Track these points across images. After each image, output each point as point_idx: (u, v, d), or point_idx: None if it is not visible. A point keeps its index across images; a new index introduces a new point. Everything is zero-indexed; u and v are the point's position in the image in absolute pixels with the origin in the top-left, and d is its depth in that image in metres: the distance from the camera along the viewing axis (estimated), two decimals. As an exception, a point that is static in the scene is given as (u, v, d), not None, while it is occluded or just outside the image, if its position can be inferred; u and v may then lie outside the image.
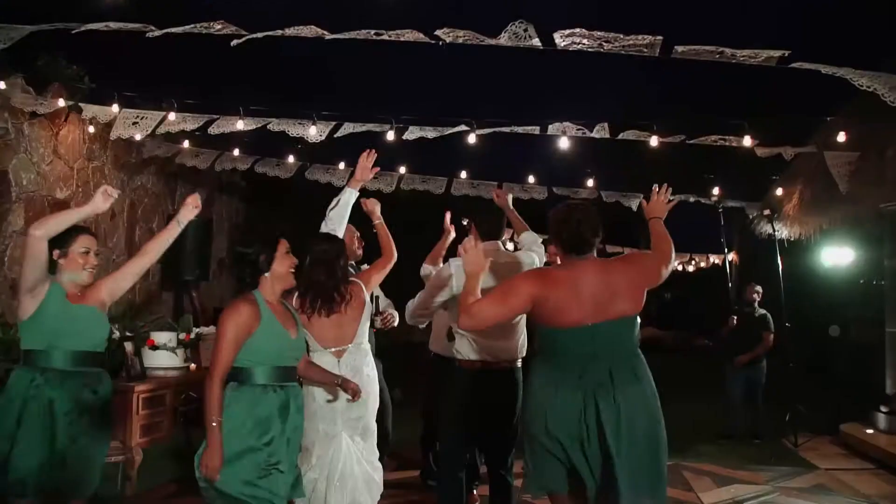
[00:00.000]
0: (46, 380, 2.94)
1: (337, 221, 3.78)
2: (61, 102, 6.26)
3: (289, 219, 11.04)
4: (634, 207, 7.81)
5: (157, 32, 4.00)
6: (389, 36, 3.67)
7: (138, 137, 6.78)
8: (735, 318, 7.31)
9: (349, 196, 3.81)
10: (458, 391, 3.76)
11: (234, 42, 3.83)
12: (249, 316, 2.83)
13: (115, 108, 5.97)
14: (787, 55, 3.67)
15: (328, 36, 3.71)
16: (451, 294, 3.69)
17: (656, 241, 3.12)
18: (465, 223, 4.29)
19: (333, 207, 3.81)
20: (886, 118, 4.44)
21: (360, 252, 4.57)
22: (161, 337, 5.63)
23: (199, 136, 6.65)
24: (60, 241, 2.99)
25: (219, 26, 3.96)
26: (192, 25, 3.90)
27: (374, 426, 3.56)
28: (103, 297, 3.14)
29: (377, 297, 4.54)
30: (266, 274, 2.96)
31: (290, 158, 7.40)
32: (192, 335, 5.90)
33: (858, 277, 9.35)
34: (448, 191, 7.74)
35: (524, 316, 3.53)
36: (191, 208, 3.32)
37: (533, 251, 3.93)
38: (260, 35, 3.77)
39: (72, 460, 2.96)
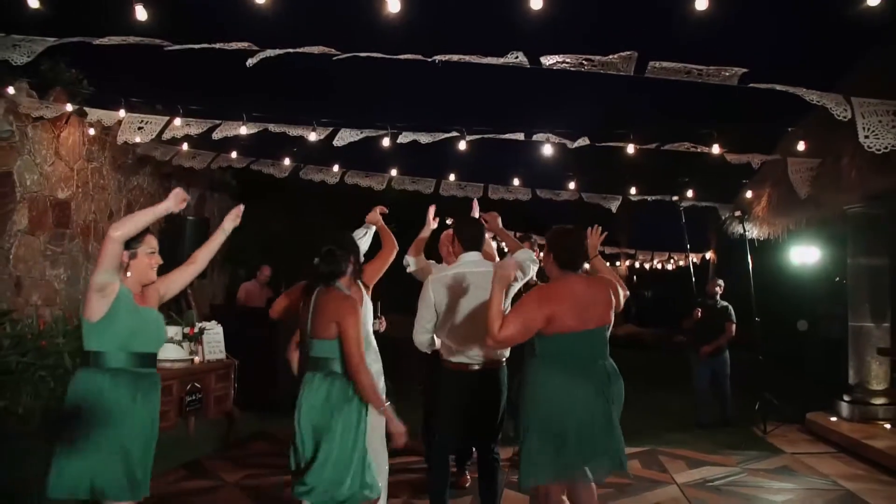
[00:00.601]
0: (118, 382, 2.97)
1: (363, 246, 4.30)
2: (69, 107, 6.60)
3: (278, 215, 11.44)
4: (614, 209, 8.33)
5: (175, 48, 4.39)
6: (391, 56, 4.10)
7: (138, 140, 7.10)
8: (699, 310, 7.82)
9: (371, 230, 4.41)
10: (449, 392, 4.17)
11: (250, 61, 4.23)
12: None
13: (121, 112, 6.32)
14: (745, 73, 4.15)
15: (338, 56, 4.13)
16: (434, 308, 4.12)
17: (607, 274, 3.85)
18: (448, 222, 4.69)
19: (362, 238, 4.33)
20: (841, 128, 4.94)
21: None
22: (168, 331, 6.00)
23: (196, 136, 7.00)
24: (128, 243, 3.02)
25: (234, 45, 4.36)
26: (210, 45, 4.30)
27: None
28: (157, 300, 3.23)
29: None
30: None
31: (286, 161, 7.79)
32: (196, 329, 6.30)
33: (824, 275, 9.94)
34: (437, 191, 8.17)
35: None
36: (234, 217, 3.60)
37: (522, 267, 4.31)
38: (273, 54, 4.18)
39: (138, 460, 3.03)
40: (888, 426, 7.08)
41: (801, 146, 5.94)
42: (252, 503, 4.92)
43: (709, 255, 16.16)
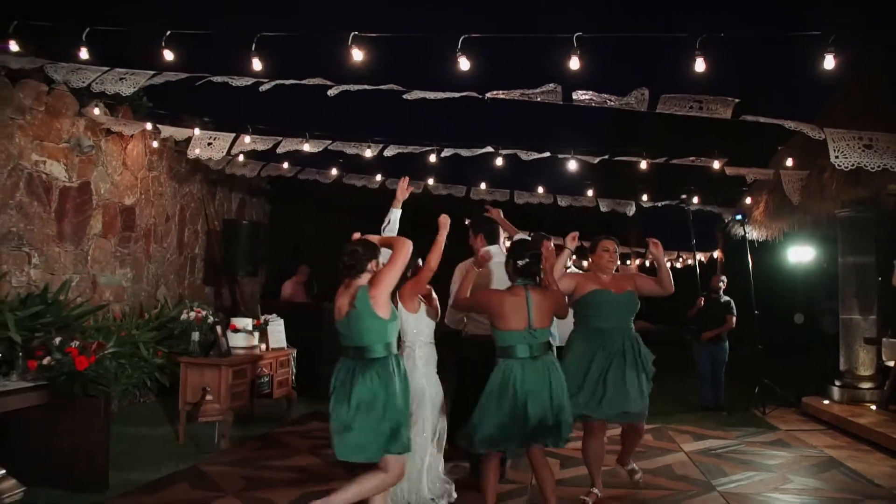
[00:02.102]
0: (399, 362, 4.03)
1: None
2: (148, 126, 7.74)
3: (310, 218, 12.63)
4: (630, 213, 9.54)
5: (269, 86, 5.52)
6: (451, 94, 5.23)
7: (199, 152, 8.21)
8: (703, 299, 8.98)
9: (396, 214, 5.16)
10: (475, 360, 5.06)
11: (331, 92, 5.36)
12: None
13: (196, 131, 7.46)
14: (738, 103, 5.26)
15: (408, 96, 5.25)
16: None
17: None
18: (466, 223, 5.72)
19: (386, 226, 5.15)
20: (822, 146, 6.03)
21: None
22: (240, 322, 7.17)
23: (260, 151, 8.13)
24: (375, 252, 3.96)
25: (315, 80, 5.51)
26: (296, 81, 5.44)
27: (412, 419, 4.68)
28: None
29: None
30: None
31: (334, 171, 8.95)
32: (262, 321, 7.45)
33: (818, 272, 11.14)
34: (468, 195, 9.34)
35: None
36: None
37: None
38: (353, 88, 5.31)
39: None
40: (873, 407, 8.23)
41: (789, 162, 7.12)
42: (323, 465, 6.02)
43: (716, 254, 17.28)
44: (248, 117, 7.52)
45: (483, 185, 9.24)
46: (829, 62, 4.40)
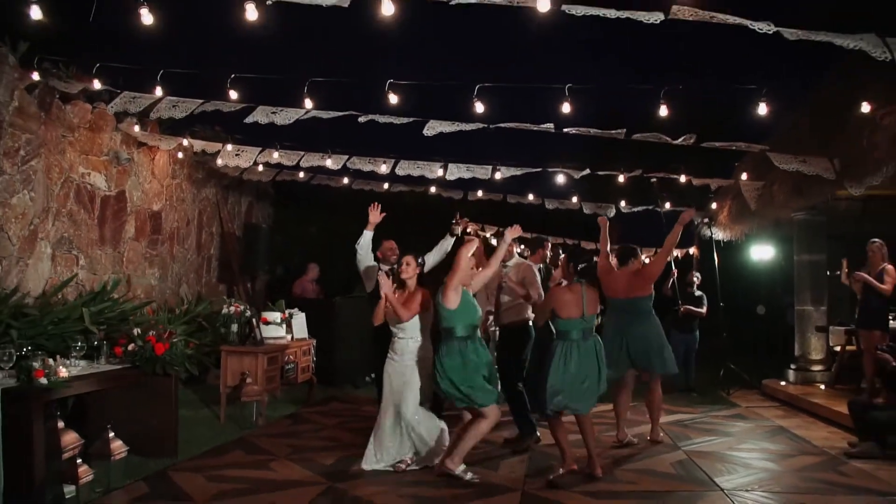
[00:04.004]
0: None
1: (364, 252, 6.83)
2: (185, 142, 8.99)
3: (312, 219, 13.88)
4: (610, 215, 10.99)
5: (309, 115, 6.82)
6: (463, 127, 6.58)
7: (227, 162, 9.46)
8: (676, 272, 10.37)
9: (368, 236, 6.81)
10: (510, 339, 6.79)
11: (361, 119, 6.67)
12: None
13: (229, 146, 8.72)
14: (695, 137, 6.70)
15: (427, 132, 6.56)
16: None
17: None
18: (454, 221, 7.02)
19: (359, 244, 6.79)
20: (770, 162, 7.46)
21: (393, 258, 7.04)
22: (270, 315, 8.46)
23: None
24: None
25: (347, 112, 6.82)
26: (334, 114, 6.74)
27: None
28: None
29: None
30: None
31: (345, 179, 10.27)
32: (287, 314, 8.75)
33: (777, 268, 12.78)
34: (465, 198, 10.74)
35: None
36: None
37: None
38: (381, 120, 6.61)
39: None
40: (822, 386, 9.76)
41: (744, 176, 8.65)
42: (351, 436, 7.33)
43: (692, 250, 18.94)
44: (272, 132, 8.76)
45: (480, 193, 10.62)
46: (763, 108, 5.90)
